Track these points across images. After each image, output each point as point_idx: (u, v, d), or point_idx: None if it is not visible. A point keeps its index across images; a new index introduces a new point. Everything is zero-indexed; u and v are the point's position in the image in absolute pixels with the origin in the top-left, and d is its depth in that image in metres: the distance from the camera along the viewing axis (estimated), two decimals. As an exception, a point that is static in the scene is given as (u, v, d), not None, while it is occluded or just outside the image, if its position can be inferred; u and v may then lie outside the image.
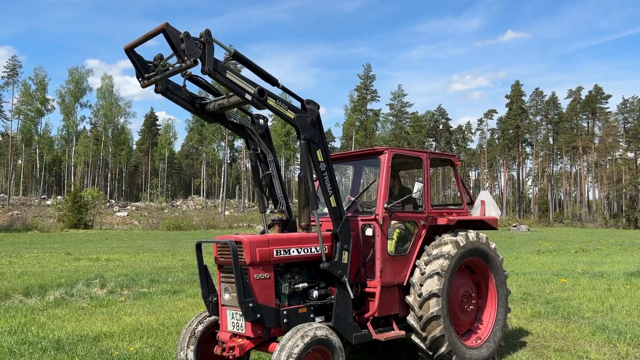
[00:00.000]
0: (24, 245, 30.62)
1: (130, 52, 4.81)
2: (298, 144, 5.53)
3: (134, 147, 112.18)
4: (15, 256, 22.25)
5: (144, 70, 4.88)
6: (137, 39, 4.72)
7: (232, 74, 4.81)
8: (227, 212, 77.24)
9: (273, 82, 5.25)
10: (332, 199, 5.53)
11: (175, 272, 16.17)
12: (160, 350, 7.18)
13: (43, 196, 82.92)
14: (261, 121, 5.95)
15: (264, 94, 4.99)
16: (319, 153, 5.46)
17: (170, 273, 16.00)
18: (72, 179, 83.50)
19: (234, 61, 5.15)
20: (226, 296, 5.49)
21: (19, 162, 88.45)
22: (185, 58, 4.43)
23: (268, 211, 6.24)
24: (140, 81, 4.90)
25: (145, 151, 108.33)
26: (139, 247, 29.37)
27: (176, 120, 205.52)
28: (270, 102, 5.05)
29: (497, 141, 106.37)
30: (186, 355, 5.67)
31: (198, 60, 4.47)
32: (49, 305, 10.91)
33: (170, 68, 4.72)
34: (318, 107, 5.44)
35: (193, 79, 5.37)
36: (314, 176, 5.63)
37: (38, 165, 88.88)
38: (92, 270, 16.59)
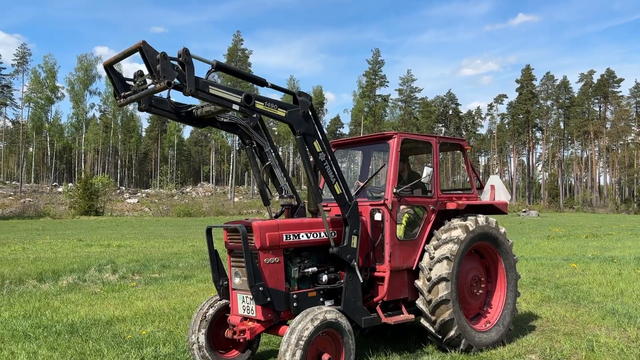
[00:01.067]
0: (36, 232, 31.00)
1: (109, 68, 4.67)
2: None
3: (144, 134, 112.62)
4: (28, 242, 22.56)
5: (121, 88, 4.71)
6: (116, 56, 4.61)
7: (215, 88, 4.65)
8: (236, 199, 77.58)
9: (261, 83, 5.14)
10: (336, 186, 5.52)
11: (186, 258, 16.33)
12: (172, 334, 7.28)
13: (54, 183, 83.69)
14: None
15: (251, 100, 4.84)
16: (316, 144, 5.36)
17: (180, 259, 16.15)
18: (83, 167, 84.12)
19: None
20: (236, 280, 5.54)
21: (30, 149, 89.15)
22: (160, 79, 4.24)
23: (277, 198, 6.26)
24: (116, 99, 4.76)
25: (154, 138, 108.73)
26: (149, 234, 29.63)
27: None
28: (259, 105, 4.92)
29: (507, 126, 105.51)
30: (197, 338, 5.75)
31: (172, 82, 4.28)
32: (62, 290, 11.07)
33: (145, 89, 4.54)
34: (310, 99, 5.31)
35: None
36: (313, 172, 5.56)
37: (49, 152, 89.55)
38: (103, 256, 16.79)
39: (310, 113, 5.32)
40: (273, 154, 6.02)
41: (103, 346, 6.68)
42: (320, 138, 5.43)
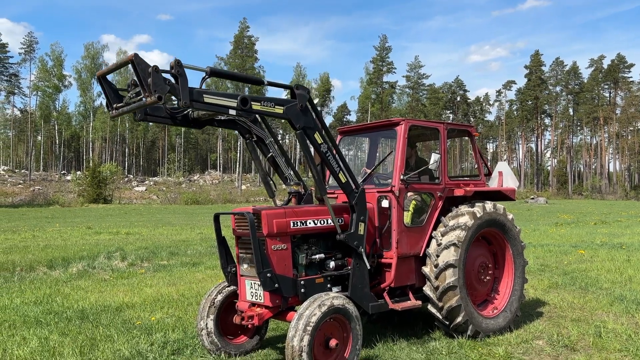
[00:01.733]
0: (46, 220, 31.28)
1: (102, 79, 4.64)
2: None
3: (151, 122, 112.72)
4: (38, 230, 22.78)
5: (114, 99, 4.66)
6: (109, 67, 4.59)
7: (210, 96, 4.61)
8: (243, 187, 77.78)
9: (258, 82, 5.10)
10: (340, 175, 5.51)
11: (194, 245, 16.43)
12: (181, 320, 7.35)
13: (63, 172, 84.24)
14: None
15: (247, 102, 4.79)
16: (317, 136, 5.32)
17: (189, 246, 16.26)
18: (91, 155, 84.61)
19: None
20: (244, 267, 5.58)
21: (39, 138, 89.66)
22: (151, 93, 4.18)
23: (284, 186, 6.26)
24: (109, 110, 4.72)
25: (161, 126, 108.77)
26: (157, 221, 29.81)
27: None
28: (256, 106, 4.87)
29: (515, 113, 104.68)
30: (206, 324, 5.80)
31: (163, 96, 4.23)
32: (72, 277, 11.19)
33: (134, 103, 4.49)
34: (308, 92, 5.25)
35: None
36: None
37: (57, 141, 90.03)
38: (112, 243, 16.93)
39: (309, 106, 5.25)
40: (275, 144, 6.00)
41: (113, 332, 6.76)
42: (321, 129, 5.40)
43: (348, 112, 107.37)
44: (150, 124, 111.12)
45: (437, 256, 6.20)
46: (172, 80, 4.38)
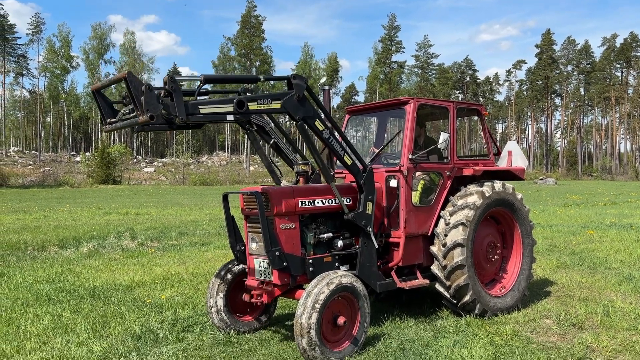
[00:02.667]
0: (56, 200, 31.58)
1: (96, 93, 4.60)
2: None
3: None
4: (49, 210, 23.01)
5: (108, 114, 4.63)
6: (103, 82, 4.58)
7: (205, 106, 4.56)
8: (251, 168, 77.92)
9: (254, 80, 5.02)
10: (346, 158, 5.48)
11: (203, 225, 16.55)
12: (191, 298, 7.44)
13: (72, 153, 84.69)
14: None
15: (244, 104, 4.71)
16: (317, 124, 5.25)
17: (198, 226, 16.37)
18: (100, 136, 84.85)
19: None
20: (253, 245, 5.61)
21: (48, 119, 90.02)
22: (143, 112, 4.16)
23: (292, 170, 6.25)
24: (103, 125, 4.72)
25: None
26: (166, 202, 30.01)
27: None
28: (253, 107, 4.80)
29: (525, 93, 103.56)
30: (216, 302, 5.87)
31: (155, 115, 4.19)
32: (83, 257, 11.33)
33: (127, 120, 4.47)
34: (306, 81, 5.15)
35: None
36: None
37: (66, 122, 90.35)
38: (122, 223, 17.08)
39: (307, 94, 5.16)
40: (276, 130, 5.97)
41: (124, 309, 6.86)
42: (321, 116, 5.34)
43: (356, 92, 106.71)
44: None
45: (445, 235, 6.20)
46: (170, 88, 4.32)
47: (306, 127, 5.20)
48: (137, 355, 5.22)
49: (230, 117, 4.70)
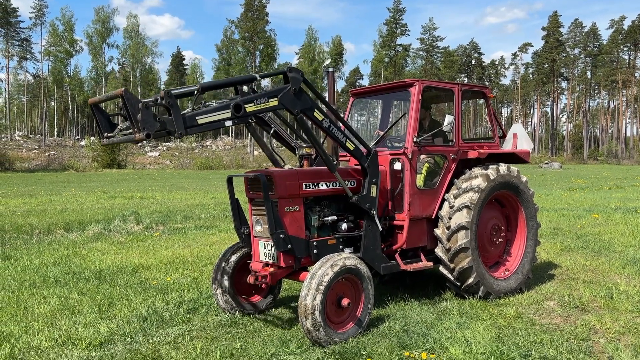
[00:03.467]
0: (62, 184, 31.72)
1: (94, 107, 4.57)
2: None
3: (163, 87, 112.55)
4: (54, 194, 23.13)
5: (105, 128, 4.59)
6: (100, 97, 4.55)
7: (202, 116, 4.51)
8: (255, 152, 77.88)
9: (250, 81, 4.91)
10: (348, 144, 5.45)
11: (208, 209, 16.61)
12: (196, 281, 7.50)
13: (77, 137, 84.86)
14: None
15: (241, 108, 4.67)
16: (316, 114, 5.20)
17: (202, 210, 16.44)
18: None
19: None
20: (258, 228, 5.63)
21: (52, 103, 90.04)
22: (139, 130, 4.14)
23: (298, 150, 6.24)
24: (100, 138, 4.68)
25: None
26: (171, 186, 30.10)
27: (203, 60, 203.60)
28: (250, 108, 4.74)
29: (531, 76, 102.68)
30: (221, 284, 5.91)
31: (152, 134, 4.18)
32: (89, 240, 11.41)
33: (124, 136, 4.44)
34: (302, 73, 5.07)
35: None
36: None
37: (70, 106, 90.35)
38: (127, 207, 17.16)
39: (303, 87, 5.07)
40: (276, 118, 5.95)
41: (130, 291, 6.92)
42: (319, 105, 5.29)
43: (360, 76, 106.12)
44: (163, 87, 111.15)
45: (450, 218, 6.20)
46: (167, 104, 4.31)
47: (305, 118, 5.18)
48: (143, 336, 5.28)
49: (229, 123, 4.66)
